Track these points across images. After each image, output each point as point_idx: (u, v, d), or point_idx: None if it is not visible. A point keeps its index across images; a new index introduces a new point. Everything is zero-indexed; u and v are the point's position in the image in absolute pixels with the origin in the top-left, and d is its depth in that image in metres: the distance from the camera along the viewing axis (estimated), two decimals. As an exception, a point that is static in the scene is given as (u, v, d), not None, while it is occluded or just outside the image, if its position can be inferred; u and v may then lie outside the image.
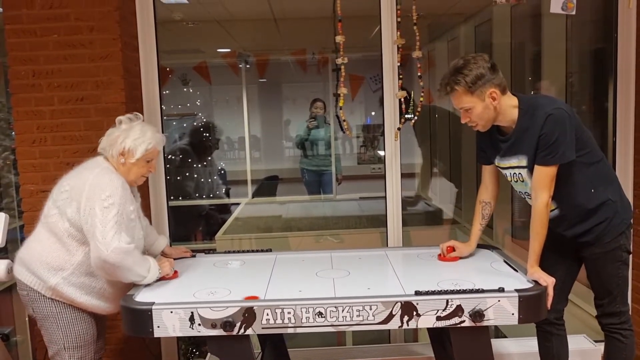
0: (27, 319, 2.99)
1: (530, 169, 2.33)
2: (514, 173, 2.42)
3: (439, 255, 2.66)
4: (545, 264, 2.43)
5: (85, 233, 2.26)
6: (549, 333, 2.60)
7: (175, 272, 2.51)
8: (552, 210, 2.41)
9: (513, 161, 2.39)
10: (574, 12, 2.62)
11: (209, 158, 5.26)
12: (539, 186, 2.29)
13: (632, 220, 2.44)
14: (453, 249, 2.63)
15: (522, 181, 2.40)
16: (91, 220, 2.22)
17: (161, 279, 2.41)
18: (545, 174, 2.27)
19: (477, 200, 2.63)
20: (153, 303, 2.12)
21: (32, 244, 2.38)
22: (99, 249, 2.20)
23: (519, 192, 2.49)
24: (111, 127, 2.45)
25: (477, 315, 2.08)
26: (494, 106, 2.29)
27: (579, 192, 2.35)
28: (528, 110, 2.30)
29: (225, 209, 5.45)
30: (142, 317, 2.10)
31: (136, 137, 2.37)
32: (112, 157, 2.38)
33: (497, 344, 3.24)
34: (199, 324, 2.09)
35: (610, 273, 2.40)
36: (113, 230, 2.22)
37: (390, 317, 2.08)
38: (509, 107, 2.33)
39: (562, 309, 2.59)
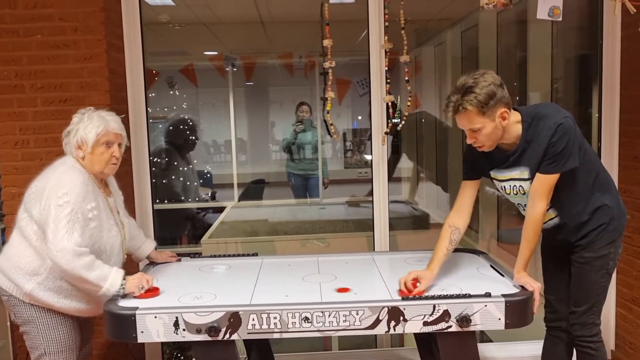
0: (8, 323, 2.93)
1: (532, 180, 2.28)
2: (514, 185, 2.36)
3: (400, 291, 2.26)
4: (547, 274, 2.51)
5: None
6: (559, 339, 2.59)
7: (155, 290, 2.30)
8: (551, 219, 2.39)
9: (515, 173, 2.33)
10: (560, 19, 2.63)
11: (195, 161, 5.20)
12: (537, 194, 2.26)
13: (624, 227, 2.42)
14: (417, 282, 2.28)
15: (523, 193, 2.35)
16: (46, 219, 2.17)
17: (134, 295, 2.23)
18: (546, 183, 2.24)
19: (447, 223, 2.43)
20: (137, 308, 2.09)
21: (7, 249, 2.33)
22: (49, 249, 2.15)
23: (517, 204, 2.44)
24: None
25: (464, 320, 2.08)
26: (502, 126, 2.22)
27: (578, 200, 2.34)
28: (532, 122, 2.25)
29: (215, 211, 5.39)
30: (126, 322, 2.07)
31: (85, 125, 2.31)
32: (72, 153, 2.35)
33: (482, 349, 3.25)
34: (184, 329, 2.06)
35: (593, 280, 2.38)
36: (64, 229, 2.14)
37: (377, 322, 2.07)
38: (513, 124, 2.26)
39: None
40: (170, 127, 5.03)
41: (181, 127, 5.05)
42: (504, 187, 2.42)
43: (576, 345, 2.48)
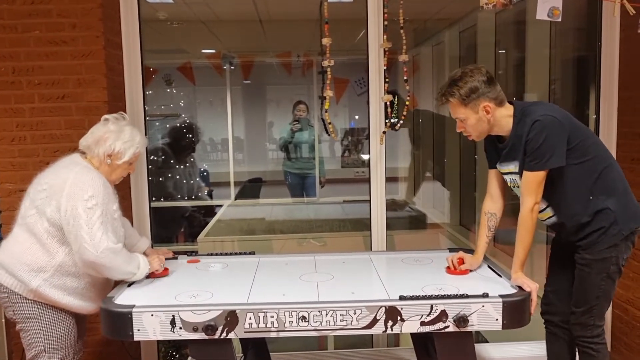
0: (2, 320, 2.92)
1: (521, 174, 2.34)
2: (512, 179, 2.44)
3: (447, 268, 2.55)
4: (552, 266, 2.53)
5: (66, 233, 2.23)
6: (555, 336, 2.61)
7: (166, 269, 2.54)
8: (549, 218, 2.43)
9: (511, 166, 2.40)
10: (559, 19, 2.63)
11: (192, 159, 5.19)
12: (525, 192, 2.30)
13: (634, 231, 2.36)
14: (462, 261, 2.54)
15: (518, 187, 2.40)
16: (74, 221, 2.20)
17: (151, 275, 2.45)
18: (531, 180, 2.28)
19: (482, 211, 2.59)
20: (133, 306, 2.08)
21: (10, 245, 2.32)
22: (88, 250, 2.19)
23: (519, 197, 2.47)
24: (95, 125, 2.42)
25: (461, 320, 2.08)
26: (487, 119, 2.32)
27: (576, 200, 2.34)
28: (521, 118, 2.31)
29: (210, 211, 5.39)
30: (122, 320, 2.06)
31: (126, 140, 2.38)
32: (97, 155, 2.37)
33: (479, 349, 3.25)
34: (180, 328, 2.06)
35: (592, 282, 2.37)
36: (100, 231, 2.21)
37: (375, 321, 2.07)
38: (504, 118, 2.35)
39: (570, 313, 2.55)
40: (171, 130, 5.06)
41: (181, 131, 5.07)
42: (506, 180, 2.49)
43: (577, 345, 2.49)
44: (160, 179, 4.84)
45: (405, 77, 3.08)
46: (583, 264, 2.39)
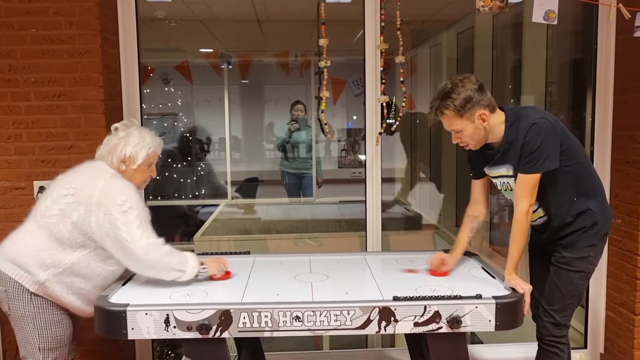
0: (-2, 319, 2.92)
1: (516, 177, 2.34)
2: (503, 182, 2.44)
3: (430, 270, 2.55)
4: (532, 269, 2.54)
5: (102, 237, 2.24)
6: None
7: (228, 272, 2.49)
8: (540, 217, 2.45)
9: (502, 170, 2.41)
10: (555, 22, 2.65)
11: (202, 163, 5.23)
12: (520, 194, 2.31)
13: (608, 232, 2.44)
14: (444, 262, 2.54)
15: (511, 190, 2.41)
16: (109, 225, 2.22)
17: (212, 278, 2.43)
18: (526, 182, 2.29)
19: (466, 214, 2.60)
20: (127, 304, 2.08)
21: (22, 238, 2.30)
22: (130, 249, 2.22)
23: (510, 199, 2.49)
24: (107, 135, 2.44)
25: (455, 321, 2.08)
26: (484, 127, 2.32)
27: (564, 201, 2.37)
28: (513, 123, 2.32)
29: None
30: (116, 318, 2.06)
31: (136, 142, 2.37)
32: (113, 164, 2.38)
33: (473, 350, 3.26)
34: (175, 327, 2.06)
35: (571, 281, 2.40)
36: (139, 229, 2.24)
37: (368, 322, 2.08)
38: (497, 124, 2.35)
39: None
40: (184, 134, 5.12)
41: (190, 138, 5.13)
42: (496, 183, 2.49)
43: (543, 345, 2.49)
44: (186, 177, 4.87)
45: (401, 79, 3.09)
46: (562, 262, 2.42)
